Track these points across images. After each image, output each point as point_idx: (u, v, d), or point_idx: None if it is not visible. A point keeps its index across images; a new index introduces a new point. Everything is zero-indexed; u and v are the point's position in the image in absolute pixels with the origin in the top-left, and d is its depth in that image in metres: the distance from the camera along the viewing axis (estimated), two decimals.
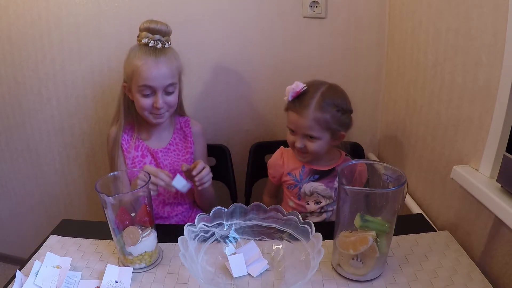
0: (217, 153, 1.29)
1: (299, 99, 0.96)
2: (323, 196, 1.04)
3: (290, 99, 0.97)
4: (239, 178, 1.31)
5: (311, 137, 0.97)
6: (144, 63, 0.95)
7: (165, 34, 0.99)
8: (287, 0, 1.24)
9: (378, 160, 1.39)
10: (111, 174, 0.80)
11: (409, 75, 1.12)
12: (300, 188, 1.05)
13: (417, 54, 1.05)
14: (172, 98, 1.02)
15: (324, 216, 1.06)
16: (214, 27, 1.27)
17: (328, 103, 0.94)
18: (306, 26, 1.27)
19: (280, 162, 1.09)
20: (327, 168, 1.04)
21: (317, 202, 1.04)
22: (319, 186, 1.04)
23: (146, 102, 0.99)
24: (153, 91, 0.98)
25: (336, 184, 1.04)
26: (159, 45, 0.97)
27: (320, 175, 1.04)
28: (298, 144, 0.98)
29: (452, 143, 0.89)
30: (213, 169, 1.28)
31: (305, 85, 0.96)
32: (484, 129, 0.76)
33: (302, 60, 1.31)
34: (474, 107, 0.79)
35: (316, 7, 1.23)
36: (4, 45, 1.29)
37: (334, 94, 0.97)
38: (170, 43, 1.01)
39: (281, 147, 1.13)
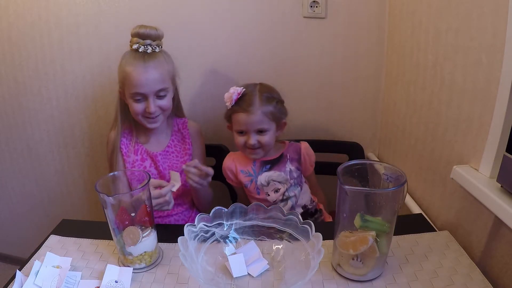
0: (217, 153, 1.29)
1: (242, 100, 1.04)
2: (280, 182, 1.09)
3: (233, 103, 1.04)
4: None
5: (261, 131, 1.05)
6: (133, 70, 0.96)
7: (155, 38, 0.99)
8: (287, 0, 1.24)
9: (378, 160, 1.39)
10: (111, 174, 0.80)
11: (409, 75, 1.12)
12: (256, 182, 1.10)
13: (417, 54, 1.05)
14: (165, 102, 1.02)
15: (290, 203, 1.09)
16: (214, 27, 1.27)
17: (267, 96, 1.05)
18: (306, 26, 1.27)
19: (231, 164, 1.14)
20: (276, 156, 1.12)
21: (276, 190, 1.09)
22: (272, 173, 1.10)
23: (139, 107, 1.00)
24: (144, 97, 0.99)
25: (288, 166, 1.11)
26: (149, 50, 0.98)
27: (271, 164, 1.11)
28: (252, 141, 1.04)
29: (452, 143, 0.89)
30: (213, 169, 1.28)
31: (242, 87, 1.05)
32: (484, 129, 0.75)
33: (302, 60, 1.31)
34: (474, 107, 0.79)
35: (316, 7, 1.23)
36: (4, 45, 1.29)
37: (268, 89, 1.08)
38: (161, 47, 1.02)
39: (230, 152, 1.19)
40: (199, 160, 1.15)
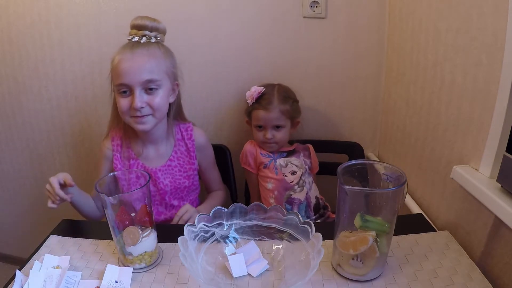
0: (217, 153, 1.29)
1: (262, 98, 1.14)
2: (296, 166, 1.18)
3: (254, 101, 1.15)
4: (239, 178, 1.31)
5: (278, 127, 1.15)
6: (119, 58, 0.86)
7: (152, 29, 0.91)
8: (287, 0, 1.24)
9: (378, 160, 1.39)
10: (111, 174, 0.80)
11: (409, 75, 1.12)
12: (275, 161, 1.18)
13: (417, 54, 1.05)
14: (156, 99, 0.88)
15: (305, 190, 1.17)
16: (214, 27, 1.27)
17: (285, 96, 1.15)
18: (306, 26, 1.27)
19: (252, 148, 1.22)
20: (290, 149, 1.23)
21: (293, 173, 1.17)
22: (290, 158, 1.20)
23: (125, 102, 0.88)
24: (130, 89, 0.87)
25: (301, 157, 1.21)
26: (143, 40, 0.88)
27: (287, 153, 1.21)
28: (268, 135, 1.15)
29: (452, 143, 0.89)
30: None
31: (262, 87, 1.15)
32: (484, 129, 0.76)
33: (302, 60, 1.31)
34: (474, 107, 0.79)
35: (316, 7, 1.23)
36: (4, 45, 1.29)
37: (286, 90, 1.18)
38: (159, 39, 0.93)
39: (250, 140, 1.25)
40: (210, 170, 1.12)
